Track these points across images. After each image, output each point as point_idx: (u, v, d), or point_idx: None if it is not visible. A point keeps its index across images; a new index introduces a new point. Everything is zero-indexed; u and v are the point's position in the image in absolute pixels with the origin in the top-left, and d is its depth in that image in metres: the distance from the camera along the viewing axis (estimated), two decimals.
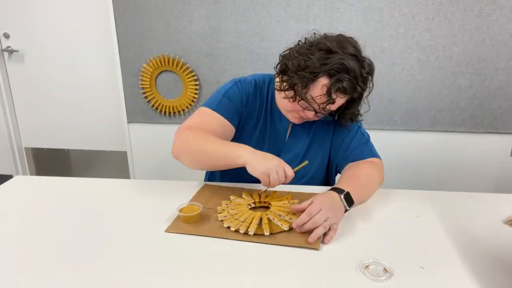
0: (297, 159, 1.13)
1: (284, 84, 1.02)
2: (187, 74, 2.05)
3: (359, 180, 1.00)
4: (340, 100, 0.99)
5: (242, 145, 0.97)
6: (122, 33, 2.04)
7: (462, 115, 1.94)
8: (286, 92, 1.02)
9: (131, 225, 0.91)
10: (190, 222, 0.90)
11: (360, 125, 1.16)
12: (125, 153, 2.35)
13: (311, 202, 0.87)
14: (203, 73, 2.06)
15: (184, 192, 1.07)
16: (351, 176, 1.02)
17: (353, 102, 1.05)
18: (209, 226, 0.89)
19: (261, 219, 0.90)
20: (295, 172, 0.96)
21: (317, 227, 0.82)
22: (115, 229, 0.89)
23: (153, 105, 2.15)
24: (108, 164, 2.60)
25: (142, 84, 2.12)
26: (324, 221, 0.83)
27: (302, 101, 1.00)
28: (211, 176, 1.26)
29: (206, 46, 1.99)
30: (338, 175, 1.17)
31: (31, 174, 2.69)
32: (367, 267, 0.75)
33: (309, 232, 0.83)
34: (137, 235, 0.87)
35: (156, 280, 0.71)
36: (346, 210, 0.91)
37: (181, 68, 2.04)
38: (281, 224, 0.87)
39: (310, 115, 1.02)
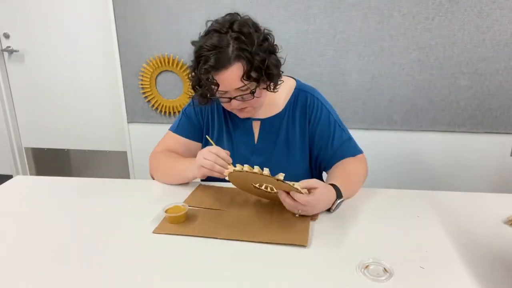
0: (269, 160, 1.13)
1: (197, 94, 1.06)
2: (187, 74, 2.05)
3: (350, 179, 1.04)
4: (225, 75, 0.95)
5: (191, 160, 1.05)
6: (122, 33, 2.04)
7: (462, 115, 1.94)
8: (213, 98, 1.06)
9: (131, 225, 0.91)
10: (177, 223, 0.90)
11: (336, 118, 1.13)
12: (125, 153, 2.36)
13: (316, 189, 0.89)
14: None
15: (184, 192, 1.07)
16: (344, 177, 1.03)
17: (253, 65, 0.96)
18: (196, 226, 0.90)
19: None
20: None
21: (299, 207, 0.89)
22: (115, 229, 0.89)
23: (153, 105, 2.15)
24: (108, 164, 2.60)
25: (142, 84, 2.12)
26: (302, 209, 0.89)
27: (213, 97, 1.03)
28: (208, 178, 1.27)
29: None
30: (324, 173, 1.17)
31: (31, 174, 2.69)
32: (367, 267, 0.75)
33: (295, 230, 0.87)
34: (137, 235, 0.87)
35: (157, 280, 0.72)
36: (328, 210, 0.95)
37: (181, 68, 2.05)
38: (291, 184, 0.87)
39: (234, 104, 1.02)
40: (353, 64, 1.94)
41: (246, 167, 0.88)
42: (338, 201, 0.94)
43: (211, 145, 1.03)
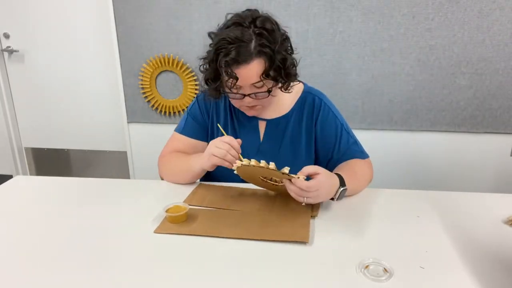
0: (274, 161, 1.13)
1: (210, 88, 1.05)
2: (187, 74, 2.05)
3: (355, 175, 1.03)
4: (245, 71, 0.94)
5: (199, 155, 1.05)
6: (122, 33, 2.04)
7: (462, 115, 1.94)
8: (222, 93, 1.05)
9: (132, 225, 0.91)
10: (177, 222, 0.90)
11: (342, 122, 1.14)
12: (125, 153, 2.36)
13: (318, 174, 0.89)
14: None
15: (184, 191, 1.07)
16: (351, 171, 1.02)
17: (275, 63, 0.96)
18: (196, 225, 0.90)
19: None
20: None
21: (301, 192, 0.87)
22: (115, 229, 0.89)
23: (153, 105, 2.15)
24: (108, 164, 2.60)
25: (142, 84, 2.12)
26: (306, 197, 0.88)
27: (227, 92, 1.01)
28: (207, 177, 1.27)
29: (206, 46, 1.98)
30: None
31: (31, 174, 2.69)
32: (367, 267, 0.75)
33: (295, 227, 0.87)
34: (138, 235, 0.87)
35: (158, 280, 0.72)
36: (331, 198, 0.95)
37: (181, 68, 2.05)
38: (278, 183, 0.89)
39: (247, 100, 1.00)
40: (353, 64, 1.94)
41: (253, 161, 0.89)
42: (341, 189, 0.93)
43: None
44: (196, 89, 2.08)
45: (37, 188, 1.13)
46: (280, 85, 1.02)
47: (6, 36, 2.37)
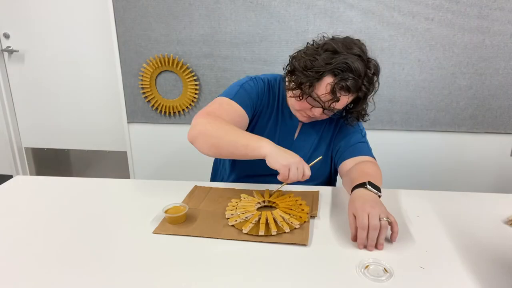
0: (304, 158, 1.13)
1: (292, 83, 1.06)
2: (187, 74, 2.05)
3: (370, 174, 0.99)
4: (344, 99, 1.02)
5: (263, 138, 0.97)
6: (122, 33, 2.04)
7: (462, 115, 1.94)
8: (294, 91, 1.06)
9: (131, 226, 0.91)
10: (176, 223, 0.90)
11: (362, 128, 1.20)
12: (125, 153, 2.36)
13: (354, 216, 0.83)
14: (203, 73, 2.06)
15: (184, 191, 1.07)
16: (360, 173, 1.00)
17: (359, 101, 1.08)
18: (195, 226, 0.90)
19: (267, 220, 0.90)
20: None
21: (378, 230, 0.80)
22: (115, 229, 0.89)
23: (153, 105, 2.15)
24: (108, 164, 2.60)
25: (142, 84, 2.12)
26: (380, 220, 0.80)
27: (309, 99, 1.03)
28: (218, 173, 1.27)
29: (206, 46, 1.99)
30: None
31: (31, 174, 2.69)
32: (367, 267, 0.75)
33: (295, 230, 0.86)
34: (137, 236, 0.87)
35: (157, 280, 0.72)
36: (379, 196, 0.90)
37: (181, 68, 2.04)
38: (282, 225, 0.87)
39: (317, 113, 1.05)
40: None
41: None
42: (368, 187, 0.90)
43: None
44: (196, 89, 2.08)
45: (37, 188, 1.13)
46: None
47: (6, 36, 2.37)
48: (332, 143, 1.19)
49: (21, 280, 0.72)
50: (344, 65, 0.98)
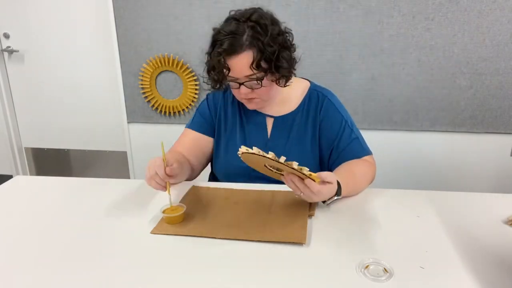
0: (281, 155, 1.13)
1: (210, 78, 1.09)
2: (187, 74, 2.05)
3: (355, 180, 1.03)
4: (238, 62, 0.99)
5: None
6: (122, 33, 2.05)
7: (462, 115, 1.94)
8: (222, 85, 1.10)
9: (129, 225, 0.91)
10: (174, 223, 0.90)
11: (347, 119, 1.15)
12: (125, 153, 2.36)
13: (329, 183, 0.89)
14: (203, 73, 2.05)
15: (182, 191, 1.07)
16: (349, 173, 1.04)
17: (264, 55, 0.99)
18: (193, 226, 0.89)
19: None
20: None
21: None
22: (113, 229, 0.89)
23: (153, 105, 2.15)
24: (108, 164, 2.60)
25: (142, 84, 2.12)
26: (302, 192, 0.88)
27: (227, 84, 1.07)
28: (213, 175, 1.27)
29: (206, 46, 1.98)
30: None
31: (31, 174, 2.69)
32: (367, 267, 0.75)
33: (292, 228, 0.87)
34: (135, 235, 0.87)
35: (155, 280, 0.72)
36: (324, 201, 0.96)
37: (181, 68, 2.05)
38: (301, 169, 0.85)
39: (243, 90, 1.04)
40: (353, 64, 1.94)
41: (255, 149, 0.86)
42: (336, 198, 0.95)
43: (221, 144, 1.06)
44: (196, 89, 2.08)
45: (37, 188, 1.13)
46: (273, 78, 1.04)
47: (6, 36, 2.37)
48: (320, 146, 1.15)
49: (21, 280, 0.72)
50: (218, 34, 1.00)
